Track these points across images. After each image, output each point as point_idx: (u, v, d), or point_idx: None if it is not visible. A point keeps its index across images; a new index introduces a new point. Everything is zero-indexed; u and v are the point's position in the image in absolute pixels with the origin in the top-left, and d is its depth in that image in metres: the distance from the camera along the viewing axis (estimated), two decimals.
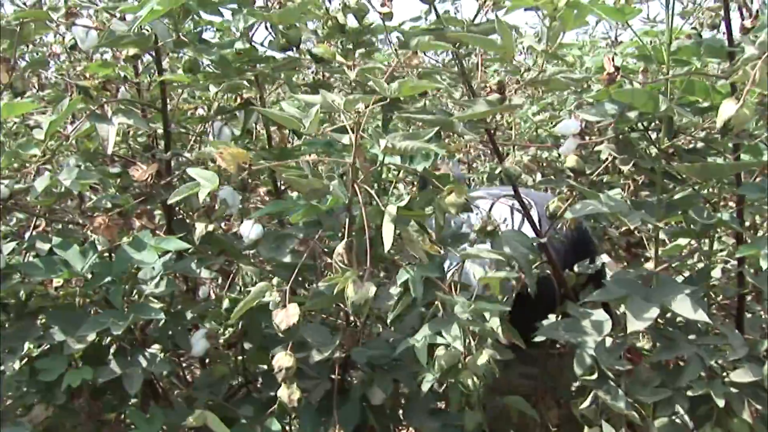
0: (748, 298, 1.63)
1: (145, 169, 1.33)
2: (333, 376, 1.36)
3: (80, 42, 1.28)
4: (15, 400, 1.38)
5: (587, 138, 1.45)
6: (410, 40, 1.37)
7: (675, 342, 1.28)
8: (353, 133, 1.05)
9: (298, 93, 1.53)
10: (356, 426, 1.36)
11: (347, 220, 1.13)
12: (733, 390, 1.20)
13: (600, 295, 1.29)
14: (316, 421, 1.36)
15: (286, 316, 1.07)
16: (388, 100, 1.08)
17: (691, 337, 1.31)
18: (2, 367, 1.31)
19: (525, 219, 1.53)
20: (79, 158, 1.40)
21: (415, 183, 1.72)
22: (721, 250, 1.83)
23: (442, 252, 1.22)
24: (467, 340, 1.15)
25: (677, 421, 1.24)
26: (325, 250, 1.37)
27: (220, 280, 1.74)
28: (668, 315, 1.39)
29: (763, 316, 1.65)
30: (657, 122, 1.43)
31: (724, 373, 1.25)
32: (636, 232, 1.76)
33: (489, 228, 1.32)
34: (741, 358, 1.23)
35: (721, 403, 1.16)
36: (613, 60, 1.35)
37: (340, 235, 1.32)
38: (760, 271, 1.47)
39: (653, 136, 1.45)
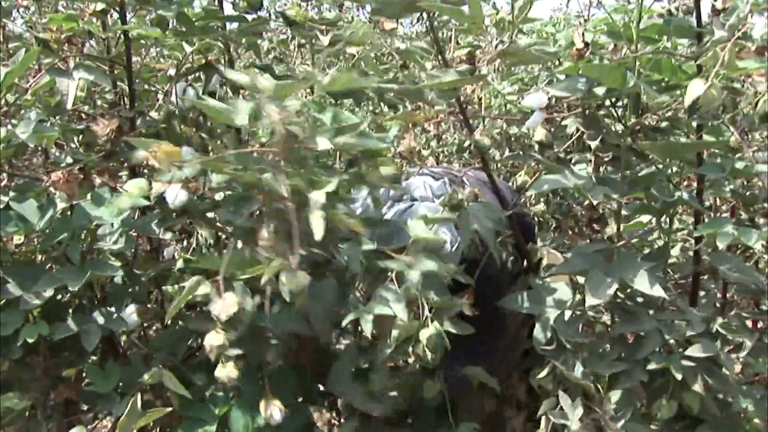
0: (705, 276, 1.65)
1: (106, 124, 1.30)
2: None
3: None
4: None
5: (554, 113, 1.44)
6: (383, 7, 1.35)
7: (635, 316, 1.30)
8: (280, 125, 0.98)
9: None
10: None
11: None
12: (689, 364, 1.21)
13: (561, 268, 1.30)
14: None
15: (224, 306, 1.03)
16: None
17: (651, 312, 1.32)
18: None
19: (495, 193, 1.53)
20: (41, 113, 1.35)
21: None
22: (681, 229, 1.84)
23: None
24: (423, 311, 1.15)
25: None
26: None
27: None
28: (628, 290, 1.40)
29: (717, 295, 1.67)
30: (624, 100, 1.43)
31: (680, 349, 1.27)
32: (599, 208, 1.77)
33: (455, 201, 1.31)
34: (696, 333, 1.24)
35: (678, 376, 1.18)
36: (583, 35, 1.35)
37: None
38: (717, 250, 1.49)
39: (619, 113, 1.45)
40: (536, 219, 2.09)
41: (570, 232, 2.08)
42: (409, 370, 1.42)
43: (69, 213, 1.38)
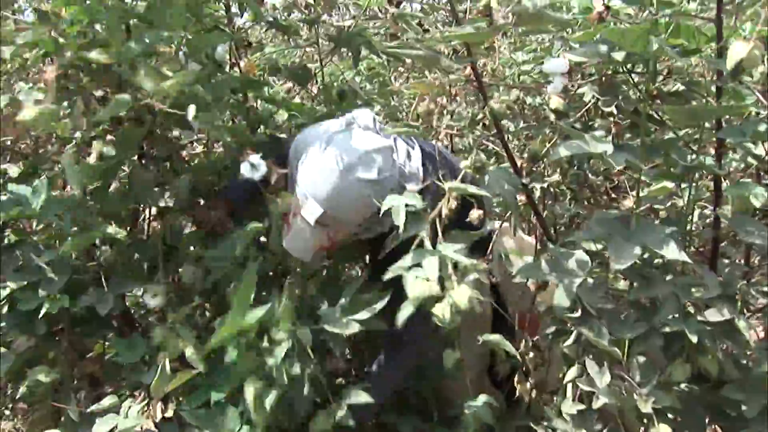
0: (724, 243, 1.64)
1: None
2: None
3: None
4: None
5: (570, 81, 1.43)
6: None
7: (652, 281, 1.28)
8: None
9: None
10: None
11: None
12: (707, 328, 1.20)
13: (584, 236, 1.29)
14: None
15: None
16: None
17: (669, 277, 1.31)
18: None
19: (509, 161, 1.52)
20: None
21: None
22: (700, 199, 1.82)
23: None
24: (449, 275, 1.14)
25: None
26: None
27: None
28: (646, 256, 1.39)
29: (737, 261, 1.66)
30: (641, 65, 1.41)
31: (698, 313, 1.26)
32: (615, 177, 1.75)
33: (478, 164, 1.30)
34: (714, 297, 1.23)
35: (694, 339, 1.17)
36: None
37: None
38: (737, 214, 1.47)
39: (636, 79, 1.43)
40: (552, 189, 2.08)
41: (586, 202, 2.06)
42: None
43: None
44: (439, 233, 1.16)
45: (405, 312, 1.14)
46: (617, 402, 1.19)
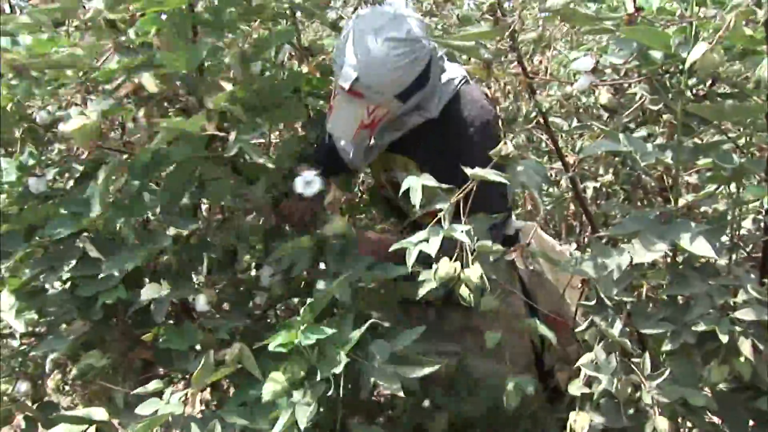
0: None
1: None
2: None
3: None
4: (58, 317, 1.45)
5: (610, 78, 1.42)
6: None
7: (687, 279, 1.27)
8: None
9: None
10: None
11: None
12: (738, 328, 1.18)
13: (615, 231, 1.28)
14: None
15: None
16: None
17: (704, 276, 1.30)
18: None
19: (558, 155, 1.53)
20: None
21: None
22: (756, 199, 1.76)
23: None
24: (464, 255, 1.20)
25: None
26: None
27: None
28: (686, 254, 1.38)
29: None
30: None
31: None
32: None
33: (504, 153, 1.30)
34: (751, 299, 1.21)
35: (724, 339, 1.15)
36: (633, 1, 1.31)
37: None
38: None
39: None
40: (604, 189, 2.05)
41: (639, 203, 2.03)
42: None
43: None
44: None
45: (427, 286, 1.24)
46: (616, 390, 1.20)
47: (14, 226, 1.38)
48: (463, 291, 1.19)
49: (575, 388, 1.27)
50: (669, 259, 1.36)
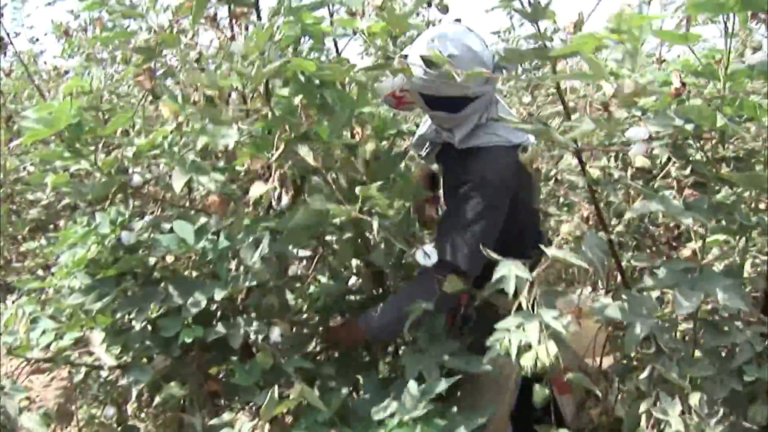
0: None
1: (258, 161, 1.53)
2: None
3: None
4: (139, 352, 1.62)
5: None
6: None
7: (725, 329, 1.40)
8: None
9: None
10: None
11: None
12: None
13: (655, 283, 1.39)
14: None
15: None
16: None
17: (738, 323, 1.42)
18: (134, 324, 1.57)
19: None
20: (197, 154, 1.63)
21: None
22: (753, 245, 1.92)
23: None
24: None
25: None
26: None
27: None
28: (710, 305, 1.49)
29: None
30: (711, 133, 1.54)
31: None
32: (675, 229, 1.88)
33: (578, 232, 1.39)
34: None
35: None
36: (680, 76, 1.47)
37: None
38: None
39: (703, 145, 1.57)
40: (617, 238, 2.19)
41: (648, 251, 2.17)
42: None
43: (216, 236, 1.65)
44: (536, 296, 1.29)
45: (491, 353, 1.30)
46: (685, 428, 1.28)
47: (109, 273, 1.55)
48: (526, 360, 1.24)
49: None
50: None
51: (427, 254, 1.51)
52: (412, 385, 1.47)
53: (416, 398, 1.44)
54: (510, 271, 1.30)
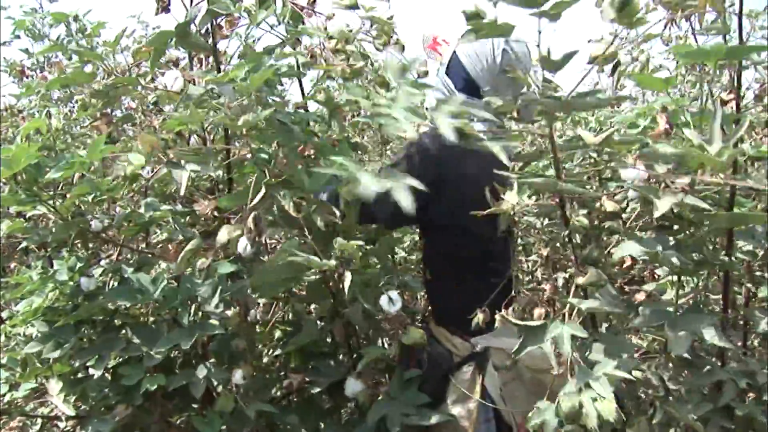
0: None
1: (206, 205, 1.55)
2: None
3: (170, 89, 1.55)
4: (98, 401, 1.60)
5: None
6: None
7: (708, 368, 1.46)
8: None
9: None
10: None
11: None
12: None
13: (641, 323, 1.40)
14: None
15: None
16: None
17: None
18: (93, 372, 1.55)
19: None
20: (154, 198, 1.63)
21: None
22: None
23: None
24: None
25: None
26: None
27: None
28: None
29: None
30: None
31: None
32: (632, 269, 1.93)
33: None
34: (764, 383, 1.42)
35: (762, 419, 1.36)
36: (666, 118, 1.52)
37: None
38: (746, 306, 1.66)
39: None
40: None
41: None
42: None
43: (176, 283, 1.64)
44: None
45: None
46: None
47: (68, 320, 1.53)
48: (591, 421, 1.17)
49: None
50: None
51: (392, 300, 1.52)
52: None
53: None
54: (563, 331, 1.24)
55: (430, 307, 1.84)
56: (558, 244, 2.38)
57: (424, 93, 1.05)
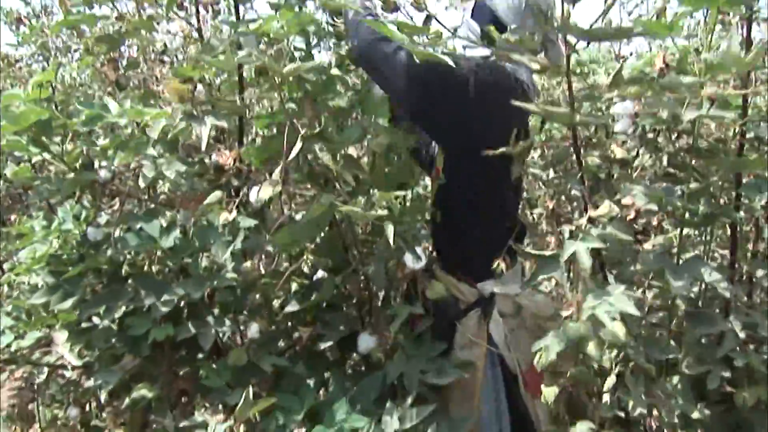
0: None
1: (228, 155, 1.53)
2: None
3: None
4: (104, 351, 1.60)
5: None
6: None
7: (709, 317, 1.46)
8: None
9: None
10: None
11: None
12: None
13: (644, 267, 1.43)
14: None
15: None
16: None
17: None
18: (99, 321, 1.54)
19: None
20: (163, 150, 1.61)
21: None
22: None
23: None
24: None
25: None
26: None
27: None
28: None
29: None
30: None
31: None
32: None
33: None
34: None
35: (762, 368, 1.37)
36: (663, 57, 1.50)
37: None
38: (753, 259, 1.67)
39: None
40: None
41: None
42: None
43: (184, 232, 1.63)
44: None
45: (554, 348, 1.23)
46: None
47: (74, 270, 1.52)
48: (591, 350, 1.21)
49: (605, 411, 1.40)
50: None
51: (417, 257, 1.51)
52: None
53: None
54: (579, 246, 1.24)
55: (435, 254, 1.83)
56: (563, 197, 2.38)
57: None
